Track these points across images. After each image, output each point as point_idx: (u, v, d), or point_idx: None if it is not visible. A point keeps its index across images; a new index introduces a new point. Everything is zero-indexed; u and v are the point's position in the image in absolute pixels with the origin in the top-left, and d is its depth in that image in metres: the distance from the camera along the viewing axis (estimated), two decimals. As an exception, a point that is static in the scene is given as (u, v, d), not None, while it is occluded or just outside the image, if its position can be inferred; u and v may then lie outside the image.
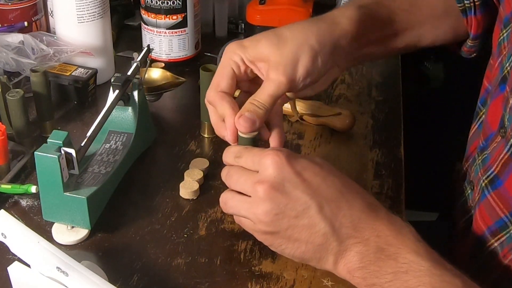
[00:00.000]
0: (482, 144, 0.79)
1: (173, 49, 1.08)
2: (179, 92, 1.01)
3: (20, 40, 0.97)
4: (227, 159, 0.71)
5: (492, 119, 0.77)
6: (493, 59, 0.83)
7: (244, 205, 0.67)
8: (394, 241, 0.63)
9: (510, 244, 0.72)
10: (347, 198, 0.65)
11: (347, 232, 0.64)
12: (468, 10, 0.88)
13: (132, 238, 0.75)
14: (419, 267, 0.61)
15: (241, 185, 0.68)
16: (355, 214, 0.64)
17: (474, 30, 0.88)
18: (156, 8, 1.05)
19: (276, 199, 0.64)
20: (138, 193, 0.81)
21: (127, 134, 0.84)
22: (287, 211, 0.64)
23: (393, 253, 0.62)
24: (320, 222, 0.64)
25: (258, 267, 0.71)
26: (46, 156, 0.70)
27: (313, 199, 0.64)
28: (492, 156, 0.75)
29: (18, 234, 0.61)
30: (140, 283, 0.69)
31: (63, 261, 0.59)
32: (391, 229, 0.64)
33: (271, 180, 0.65)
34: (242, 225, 0.70)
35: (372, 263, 0.63)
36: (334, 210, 0.64)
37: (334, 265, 0.65)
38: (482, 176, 0.77)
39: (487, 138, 0.78)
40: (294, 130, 0.94)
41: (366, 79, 1.09)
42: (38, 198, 0.75)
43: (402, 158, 0.90)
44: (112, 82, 0.82)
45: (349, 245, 0.64)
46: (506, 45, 0.78)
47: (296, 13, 1.14)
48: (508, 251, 0.73)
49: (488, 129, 0.78)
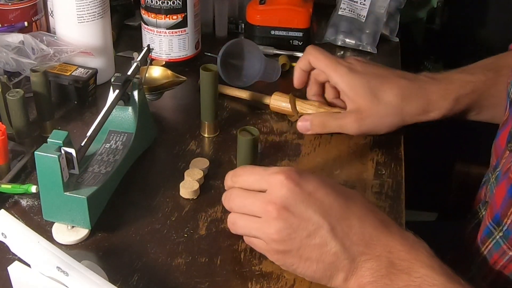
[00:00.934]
0: (494, 164, 0.80)
1: (173, 49, 1.08)
2: (179, 92, 1.01)
3: (20, 40, 0.97)
4: (225, 181, 0.72)
5: (502, 139, 0.78)
6: None
7: (255, 225, 0.67)
8: (407, 256, 0.62)
9: (500, 250, 0.73)
10: (358, 215, 0.65)
11: (359, 249, 0.63)
12: None
13: (132, 238, 0.75)
14: (433, 281, 0.60)
15: (248, 207, 0.67)
16: (367, 231, 0.64)
17: None
18: (156, 8, 1.05)
19: (289, 219, 0.64)
20: (138, 193, 0.81)
21: (127, 134, 0.84)
22: (299, 231, 0.64)
23: (406, 267, 0.62)
24: (331, 242, 0.63)
25: (258, 266, 0.71)
26: (46, 156, 0.70)
27: (325, 218, 0.64)
28: (502, 172, 0.76)
29: (18, 234, 0.61)
30: (140, 282, 0.69)
31: (63, 261, 0.59)
32: (403, 244, 0.63)
33: (283, 201, 0.65)
34: (253, 245, 0.70)
35: (384, 277, 0.62)
36: (345, 229, 0.64)
37: (345, 282, 0.64)
38: None
39: (498, 157, 0.78)
40: (294, 130, 0.94)
41: (366, 79, 1.09)
42: (38, 198, 0.75)
43: (402, 158, 0.90)
44: (112, 82, 0.82)
45: (360, 262, 0.63)
46: None
47: (296, 13, 1.14)
48: (499, 257, 0.73)
49: (499, 149, 0.78)
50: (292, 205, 0.64)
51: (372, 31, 1.18)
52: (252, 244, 0.70)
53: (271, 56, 1.12)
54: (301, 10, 1.14)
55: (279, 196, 0.65)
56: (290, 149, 0.90)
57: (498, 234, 0.72)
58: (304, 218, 0.64)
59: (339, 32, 1.18)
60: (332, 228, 0.64)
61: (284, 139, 0.92)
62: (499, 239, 0.72)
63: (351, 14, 1.20)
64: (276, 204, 0.64)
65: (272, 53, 1.13)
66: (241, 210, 0.68)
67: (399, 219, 0.79)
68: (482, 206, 0.83)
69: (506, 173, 0.72)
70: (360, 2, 1.20)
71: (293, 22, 1.14)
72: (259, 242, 0.68)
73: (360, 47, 1.17)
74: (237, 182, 0.70)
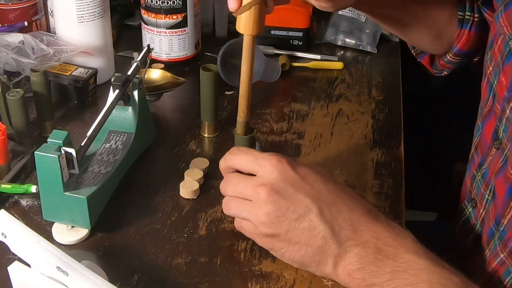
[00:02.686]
0: (480, 160, 0.80)
1: (173, 49, 1.08)
2: (179, 92, 1.01)
3: (20, 40, 0.97)
4: (220, 164, 0.72)
5: (487, 134, 0.78)
6: (481, 83, 0.83)
7: (246, 207, 0.67)
8: (393, 243, 0.63)
9: (494, 252, 0.73)
10: (347, 203, 0.66)
11: (347, 234, 0.64)
12: (465, 22, 0.88)
13: (132, 238, 0.75)
14: (417, 266, 0.62)
15: (240, 189, 0.68)
16: (355, 217, 0.65)
17: (461, 45, 0.89)
18: (156, 8, 1.05)
19: (278, 202, 0.65)
20: (138, 193, 0.81)
21: (127, 134, 0.84)
22: (288, 213, 0.65)
23: (392, 253, 0.63)
24: (320, 225, 0.64)
25: (258, 266, 0.71)
26: (46, 155, 0.70)
27: (314, 202, 0.65)
28: (490, 170, 0.76)
29: (18, 234, 0.61)
30: (140, 282, 0.69)
31: (63, 260, 0.59)
32: (389, 232, 0.64)
33: (273, 183, 0.66)
34: (242, 230, 0.70)
35: (371, 263, 0.63)
36: (334, 213, 0.65)
37: (334, 268, 0.65)
38: (485, 192, 0.77)
39: (484, 153, 0.78)
40: (294, 130, 0.94)
41: (366, 78, 1.09)
42: (38, 198, 0.75)
43: (402, 158, 0.90)
44: (112, 81, 0.82)
45: (348, 247, 0.64)
46: (489, 65, 0.79)
47: (296, 13, 1.14)
48: (492, 259, 0.73)
49: (484, 144, 0.79)
50: (282, 188, 0.65)
51: (372, 31, 1.18)
52: (242, 228, 0.70)
53: (271, 56, 1.12)
54: (301, 10, 1.14)
55: (270, 178, 0.66)
56: (290, 149, 0.90)
57: (497, 235, 0.72)
58: (294, 201, 0.65)
59: (339, 32, 1.18)
60: (321, 212, 0.64)
61: (284, 139, 0.92)
62: (497, 240, 0.72)
63: (351, 13, 1.20)
64: (266, 187, 0.65)
65: (272, 53, 1.13)
66: (235, 193, 0.69)
67: (399, 219, 0.79)
68: (468, 203, 0.84)
69: (500, 172, 0.72)
70: (360, 2, 1.20)
71: (293, 22, 1.14)
72: (248, 225, 0.68)
73: (360, 47, 1.17)
74: (231, 160, 0.71)
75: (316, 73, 1.10)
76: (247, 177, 0.68)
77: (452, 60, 0.92)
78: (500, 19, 0.75)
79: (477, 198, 0.80)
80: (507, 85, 0.73)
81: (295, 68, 1.11)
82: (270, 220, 0.65)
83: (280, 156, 0.67)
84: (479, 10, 0.88)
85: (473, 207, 0.82)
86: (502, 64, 0.75)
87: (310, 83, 1.07)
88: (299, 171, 0.66)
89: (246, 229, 0.69)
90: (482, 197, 0.78)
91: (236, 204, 0.69)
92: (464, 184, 0.88)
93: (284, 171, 0.66)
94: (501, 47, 0.76)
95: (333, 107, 1.00)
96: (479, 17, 0.88)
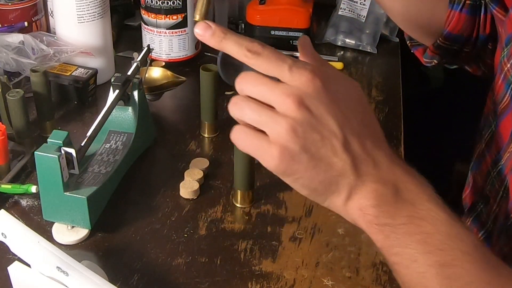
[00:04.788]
0: (495, 157, 0.79)
1: (173, 49, 1.08)
2: (179, 92, 1.01)
3: (20, 40, 0.97)
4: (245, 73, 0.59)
5: (503, 131, 0.77)
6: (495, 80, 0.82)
7: (268, 111, 0.57)
8: (414, 189, 0.59)
9: (504, 247, 0.72)
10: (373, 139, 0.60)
11: (367, 169, 0.59)
12: (456, 3, 0.87)
13: (132, 238, 0.75)
14: (437, 216, 0.58)
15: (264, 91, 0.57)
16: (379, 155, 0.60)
17: (451, 27, 0.88)
18: (156, 8, 1.05)
19: (306, 117, 0.57)
20: (138, 193, 0.81)
21: (127, 134, 0.84)
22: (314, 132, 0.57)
23: (412, 198, 0.59)
24: (342, 153, 0.58)
25: (258, 266, 0.71)
26: (46, 156, 0.70)
27: (341, 129, 0.58)
28: (506, 166, 0.75)
29: (18, 234, 0.61)
30: (140, 283, 0.69)
31: (63, 260, 0.59)
32: (412, 178, 0.60)
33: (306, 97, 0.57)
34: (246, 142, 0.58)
35: (388, 204, 0.58)
36: (358, 146, 0.59)
37: (346, 201, 0.59)
38: (500, 188, 0.76)
39: (500, 150, 0.78)
40: (294, 130, 0.94)
41: (366, 79, 1.09)
42: (38, 198, 0.75)
43: (402, 158, 0.89)
44: (112, 82, 0.82)
45: (367, 181, 0.59)
46: (507, 61, 0.78)
47: (296, 13, 1.14)
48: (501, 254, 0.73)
49: (501, 141, 0.77)
50: (314, 104, 0.57)
51: (372, 31, 1.18)
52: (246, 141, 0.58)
53: (271, 56, 1.12)
54: (301, 10, 1.14)
55: (302, 91, 0.57)
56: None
57: (506, 230, 0.72)
58: (322, 122, 0.58)
59: (339, 32, 1.18)
60: (346, 140, 0.58)
61: (284, 139, 0.92)
62: (505, 235, 0.72)
63: (351, 14, 1.20)
64: (298, 98, 0.57)
65: (272, 53, 1.13)
66: (254, 93, 0.58)
67: (399, 219, 0.79)
68: (479, 200, 0.83)
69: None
70: (360, 2, 1.20)
71: (293, 22, 1.14)
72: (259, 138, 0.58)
73: (360, 47, 1.17)
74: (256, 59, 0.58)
75: (316, 73, 1.10)
76: (273, 81, 0.58)
77: (441, 44, 0.90)
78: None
79: (491, 195, 0.78)
80: None
81: (295, 68, 1.11)
82: (296, 133, 0.56)
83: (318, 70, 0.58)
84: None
85: (484, 204, 0.81)
86: None
87: (310, 83, 1.07)
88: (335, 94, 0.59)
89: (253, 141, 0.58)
90: (497, 193, 0.76)
91: (254, 105, 0.57)
92: (470, 181, 0.87)
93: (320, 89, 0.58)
94: None
95: (333, 107, 1.00)
96: (471, 1, 0.87)
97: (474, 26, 0.88)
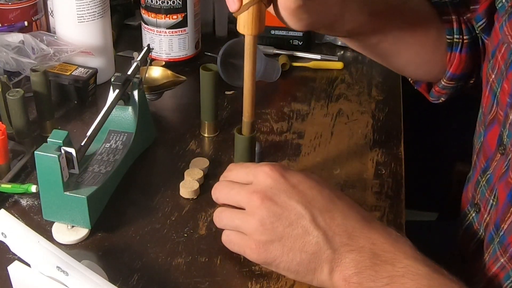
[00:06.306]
0: (484, 166, 0.79)
1: (173, 49, 1.08)
2: (179, 91, 1.01)
3: (20, 39, 0.97)
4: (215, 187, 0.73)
5: (490, 141, 0.78)
6: (483, 92, 0.83)
7: (238, 214, 0.68)
8: (390, 248, 0.63)
9: (494, 256, 0.73)
10: (342, 209, 0.66)
11: (341, 240, 0.64)
12: (454, 46, 0.87)
13: (132, 237, 0.75)
14: (416, 271, 0.61)
15: (233, 196, 0.69)
16: (349, 224, 0.65)
17: (453, 69, 0.88)
18: (156, 8, 1.05)
19: (271, 208, 0.65)
20: (138, 192, 0.81)
21: (127, 133, 0.84)
22: (281, 219, 0.65)
23: (390, 258, 0.62)
24: (313, 231, 0.64)
25: (258, 266, 0.71)
26: (46, 155, 0.70)
27: (307, 209, 0.65)
28: (494, 175, 0.76)
29: (18, 234, 0.61)
30: (140, 282, 0.69)
31: (63, 260, 0.59)
32: (386, 238, 0.64)
33: (266, 190, 0.66)
34: (232, 243, 0.69)
35: (368, 268, 0.62)
36: (327, 220, 0.65)
37: (330, 275, 0.64)
38: (490, 197, 0.77)
39: (488, 159, 0.78)
40: (294, 130, 0.94)
41: (366, 78, 1.09)
42: (38, 197, 0.75)
43: (402, 158, 0.90)
44: (112, 81, 0.82)
45: (343, 252, 0.63)
46: (491, 73, 0.79)
47: (296, 13, 1.13)
48: (492, 263, 0.73)
49: (488, 150, 0.78)
50: (276, 194, 0.66)
51: (372, 31, 1.18)
52: (231, 242, 0.69)
53: (271, 56, 1.12)
54: (301, 10, 1.14)
55: (263, 185, 0.67)
56: (290, 149, 0.90)
57: (496, 240, 0.73)
58: (287, 208, 0.65)
59: (339, 32, 1.18)
60: (314, 218, 0.65)
61: (284, 139, 0.92)
62: (496, 245, 0.72)
63: (351, 14, 1.20)
64: (260, 193, 0.66)
65: (272, 53, 1.13)
66: (227, 200, 0.70)
67: (399, 219, 0.79)
68: (471, 208, 0.83)
69: (503, 177, 0.73)
70: (360, 2, 1.20)
71: (293, 22, 1.14)
72: (238, 237, 0.68)
73: (360, 47, 1.17)
74: (228, 176, 0.72)
75: (316, 73, 1.10)
76: (240, 185, 0.69)
77: (446, 85, 0.91)
78: (505, 28, 0.75)
79: (481, 203, 0.79)
80: (509, 91, 0.73)
81: (295, 68, 1.11)
82: (264, 227, 0.65)
83: (274, 164, 0.69)
84: (468, 31, 0.87)
85: (476, 212, 0.82)
86: (506, 72, 0.75)
87: (310, 83, 1.07)
88: (292, 179, 0.67)
89: (235, 241, 0.69)
90: (487, 202, 0.78)
91: (228, 214, 0.69)
92: (466, 189, 0.87)
93: (277, 179, 0.67)
94: (504, 56, 0.76)
95: (333, 107, 1.00)
96: (468, 38, 0.87)
97: (476, 61, 0.88)
